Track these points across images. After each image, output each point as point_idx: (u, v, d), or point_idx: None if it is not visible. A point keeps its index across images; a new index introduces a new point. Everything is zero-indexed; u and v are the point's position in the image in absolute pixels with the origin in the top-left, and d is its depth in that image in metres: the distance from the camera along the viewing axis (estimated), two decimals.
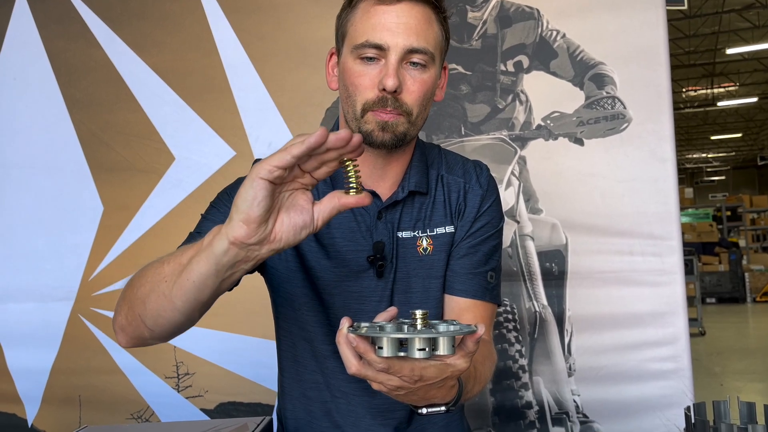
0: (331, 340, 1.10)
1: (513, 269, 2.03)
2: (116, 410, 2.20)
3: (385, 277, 1.10)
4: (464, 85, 2.08)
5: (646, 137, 1.97)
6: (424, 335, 0.73)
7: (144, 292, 0.92)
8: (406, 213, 1.12)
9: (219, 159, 2.15)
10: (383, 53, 1.01)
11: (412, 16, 1.01)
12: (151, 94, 2.20)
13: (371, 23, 1.01)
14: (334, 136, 0.74)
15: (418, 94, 1.03)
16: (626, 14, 1.98)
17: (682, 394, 1.93)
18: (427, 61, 1.03)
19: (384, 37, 1.00)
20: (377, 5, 1.01)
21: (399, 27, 1.00)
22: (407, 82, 1.02)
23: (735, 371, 6.02)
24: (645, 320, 1.96)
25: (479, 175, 1.17)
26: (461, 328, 0.77)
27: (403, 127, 1.04)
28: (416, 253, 1.11)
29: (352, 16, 1.05)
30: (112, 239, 2.22)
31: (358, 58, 1.03)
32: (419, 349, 0.73)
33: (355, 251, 1.10)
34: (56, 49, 2.25)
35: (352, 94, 1.04)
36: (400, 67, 1.01)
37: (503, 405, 2.01)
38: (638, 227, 1.97)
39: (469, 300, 1.12)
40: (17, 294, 2.25)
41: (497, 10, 2.06)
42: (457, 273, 1.12)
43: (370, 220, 1.10)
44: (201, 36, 2.17)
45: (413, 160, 1.14)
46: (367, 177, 1.09)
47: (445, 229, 1.13)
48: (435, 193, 1.14)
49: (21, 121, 2.27)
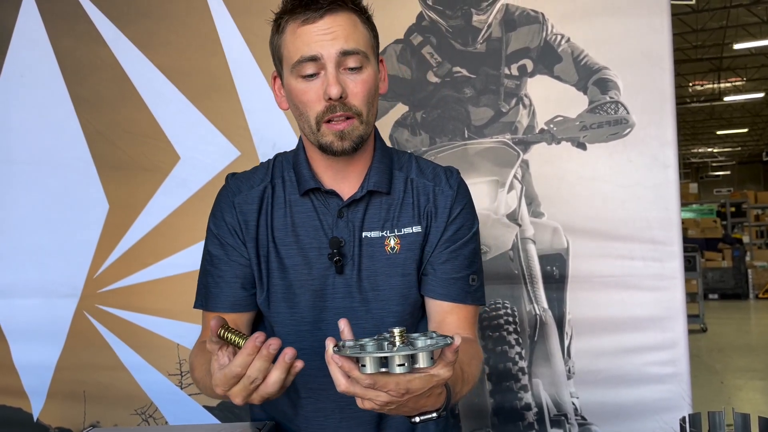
0: (294, 339, 1.17)
1: (514, 272, 2.05)
2: (120, 406, 2.23)
3: (347, 274, 1.16)
4: (468, 88, 2.08)
5: (649, 142, 1.98)
6: (402, 352, 0.79)
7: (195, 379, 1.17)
8: (372, 214, 1.18)
9: (224, 159, 2.17)
10: (320, 65, 1.07)
11: (337, 24, 1.07)
12: (156, 93, 2.21)
13: (302, 41, 1.07)
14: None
15: (363, 94, 1.10)
16: (631, 19, 1.98)
17: (680, 398, 1.95)
18: (362, 61, 1.09)
19: (316, 48, 1.06)
20: (302, 25, 1.08)
21: (327, 36, 1.07)
22: (349, 85, 1.08)
23: (736, 368, 6.04)
24: (644, 324, 1.98)
25: (449, 177, 1.22)
26: (437, 341, 0.82)
27: (358, 130, 1.10)
28: (384, 252, 1.17)
29: (282, 39, 1.11)
30: (118, 237, 2.24)
31: (299, 76, 1.09)
32: (399, 364, 0.79)
33: (318, 248, 1.17)
34: (63, 48, 2.27)
35: (303, 111, 1.11)
36: (339, 74, 1.07)
37: (502, 406, 2.03)
38: (639, 232, 1.98)
39: (452, 303, 1.18)
40: (23, 290, 2.28)
41: (502, 14, 2.06)
42: (440, 278, 1.18)
43: (331, 219, 1.17)
44: (207, 36, 2.18)
45: (374, 161, 1.20)
46: (331, 178, 1.17)
47: (413, 229, 1.18)
48: (404, 196, 1.20)
49: (28, 118, 2.28)
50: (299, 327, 1.18)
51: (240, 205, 1.19)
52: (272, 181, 1.21)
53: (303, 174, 1.18)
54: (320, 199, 1.18)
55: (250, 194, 1.20)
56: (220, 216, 1.21)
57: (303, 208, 1.18)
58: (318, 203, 1.18)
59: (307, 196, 1.18)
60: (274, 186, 1.20)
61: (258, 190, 1.20)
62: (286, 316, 1.19)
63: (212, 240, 1.21)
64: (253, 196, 1.20)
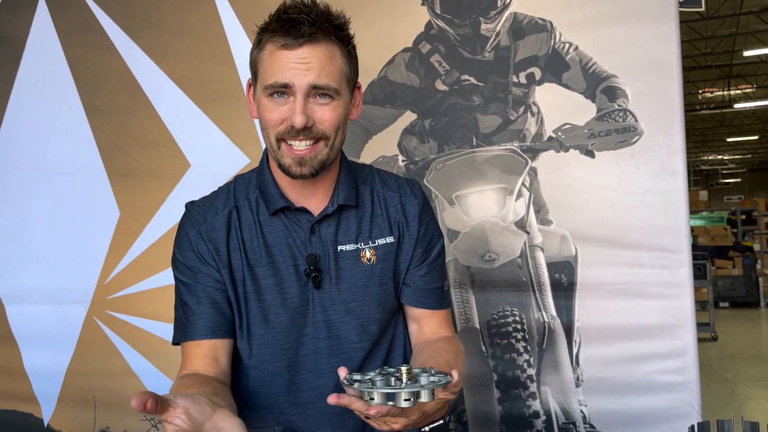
0: (277, 358, 1.20)
1: (522, 279, 2.05)
2: (130, 411, 2.22)
3: (326, 288, 1.19)
4: (476, 96, 2.09)
5: (658, 150, 1.98)
6: (408, 389, 0.90)
7: None
8: (344, 227, 1.21)
9: (233, 166, 2.18)
10: (290, 91, 1.09)
11: (313, 56, 1.08)
12: (167, 101, 2.24)
13: (277, 64, 1.08)
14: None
15: (331, 122, 1.12)
16: (639, 27, 1.99)
17: (689, 406, 1.94)
18: (333, 94, 1.11)
19: (288, 76, 1.08)
20: (281, 50, 1.08)
21: (301, 67, 1.08)
22: (317, 114, 1.10)
23: (747, 377, 5.98)
24: (653, 332, 1.97)
25: (412, 187, 1.28)
26: (440, 379, 0.93)
27: (323, 155, 1.13)
28: (361, 264, 1.21)
29: (261, 56, 1.12)
30: (128, 244, 2.26)
31: (269, 95, 1.11)
32: (405, 399, 0.90)
33: (294, 266, 1.18)
34: (76, 57, 2.29)
35: (265, 127, 1.13)
36: (307, 102, 1.09)
37: (511, 414, 2.03)
38: (648, 240, 1.98)
39: (431, 311, 1.28)
40: (34, 296, 2.30)
41: (510, 22, 2.07)
42: (419, 289, 1.26)
43: (304, 236, 1.19)
44: (217, 45, 2.20)
45: (341, 176, 1.22)
46: (298, 196, 1.19)
47: (386, 239, 1.23)
48: (372, 208, 1.24)
49: (41, 126, 2.31)
50: (281, 345, 1.19)
51: (208, 233, 1.19)
52: (236, 204, 1.21)
53: (271, 193, 1.19)
54: (290, 217, 1.19)
55: (216, 220, 1.20)
56: (188, 246, 1.19)
57: (274, 228, 1.19)
58: (288, 221, 1.19)
59: (277, 216, 1.19)
60: (239, 209, 1.21)
61: (223, 215, 1.20)
62: (267, 337, 1.19)
63: (183, 271, 1.20)
64: (219, 222, 1.19)
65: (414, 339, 1.29)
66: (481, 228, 2.06)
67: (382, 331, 1.25)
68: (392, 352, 1.28)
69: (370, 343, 1.23)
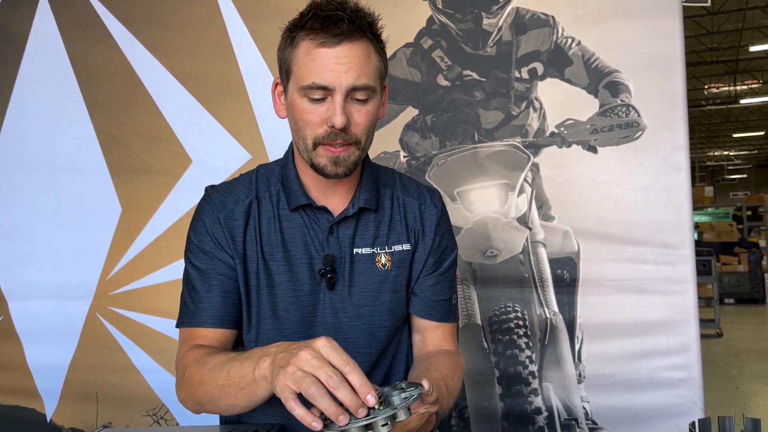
0: None
1: (524, 276, 2.04)
2: (132, 407, 2.25)
3: (338, 290, 1.18)
4: (478, 91, 2.08)
5: (661, 146, 1.97)
6: (382, 415, 0.85)
7: (208, 396, 1.09)
8: (362, 230, 1.20)
9: (235, 162, 2.18)
10: (329, 92, 1.07)
11: (352, 54, 1.06)
12: (169, 97, 2.23)
13: (315, 65, 1.06)
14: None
15: (365, 125, 1.11)
16: (642, 22, 1.98)
17: (692, 403, 1.93)
18: (369, 94, 1.09)
19: (328, 78, 1.05)
20: (319, 47, 1.06)
21: (341, 67, 1.05)
22: (354, 115, 1.09)
23: (752, 374, 5.97)
24: (656, 329, 1.97)
25: (432, 196, 1.27)
26: (411, 393, 0.89)
27: (355, 156, 1.11)
28: (376, 269, 1.20)
29: (294, 54, 1.09)
30: (130, 240, 2.26)
31: (306, 97, 1.08)
32: (383, 425, 0.86)
33: (308, 264, 1.17)
34: (78, 53, 2.29)
35: (302, 129, 1.10)
36: (345, 103, 1.07)
37: (512, 410, 2.02)
38: (651, 236, 1.97)
39: (436, 323, 1.26)
40: (37, 292, 2.30)
41: (512, 17, 2.06)
42: (427, 299, 1.25)
43: (322, 235, 1.18)
44: (219, 41, 2.20)
45: (363, 179, 1.21)
46: (320, 194, 1.18)
47: (402, 246, 1.22)
48: (391, 213, 1.23)
49: (42, 122, 2.31)
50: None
51: (226, 221, 1.17)
52: (258, 195, 1.20)
53: (293, 189, 1.17)
54: (310, 215, 1.18)
55: (236, 209, 1.18)
56: (204, 231, 1.18)
57: (293, 224, 1.18)
58: (308, 219, 1.18)
59: (297, 212, 1.18)
60: (260, 200, 1.19)
61: (244, 205, 1.19)
62: (275, 332, 1.18)
63: (197, 255, 1.18)
64: (239, 211, 1.18)
65: (416, 350, 1.28)
66: (483, 224, 2.06)
67: (390, 339, 1.24)
68: (395, 360, 1.27)
69: (378, 350, 1.22)
